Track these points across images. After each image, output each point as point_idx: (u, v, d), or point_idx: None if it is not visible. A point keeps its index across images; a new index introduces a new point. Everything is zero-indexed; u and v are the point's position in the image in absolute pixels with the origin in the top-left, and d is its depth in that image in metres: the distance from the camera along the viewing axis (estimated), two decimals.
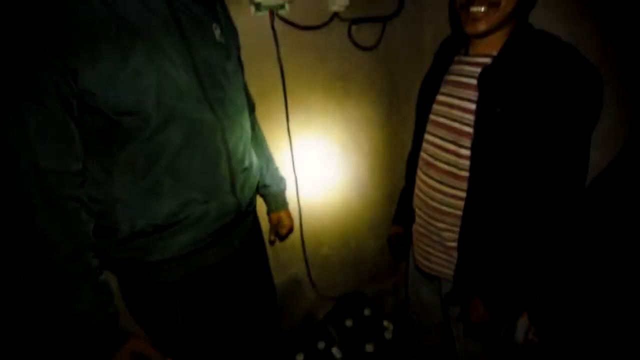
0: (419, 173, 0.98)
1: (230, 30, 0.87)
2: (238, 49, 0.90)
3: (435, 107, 0.92)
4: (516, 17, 0.78)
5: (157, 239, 0.72)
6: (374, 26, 1.36)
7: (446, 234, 0.91)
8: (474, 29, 0.77)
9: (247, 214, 0.90)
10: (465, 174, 0.83)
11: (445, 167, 0.87)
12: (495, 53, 0.80)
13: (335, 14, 1.25)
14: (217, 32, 0.79)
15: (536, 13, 0.81)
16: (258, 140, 1.05)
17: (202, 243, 0.78)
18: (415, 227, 1.04)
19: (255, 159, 0.92)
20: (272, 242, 1.20)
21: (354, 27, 1.31)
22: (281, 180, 1.13)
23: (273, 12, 1.13)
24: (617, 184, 0.87)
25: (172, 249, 0.74)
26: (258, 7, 1.10)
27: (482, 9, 0.75)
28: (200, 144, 0.72)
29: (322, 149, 1.41)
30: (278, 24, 1.15)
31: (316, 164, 1.41)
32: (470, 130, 0.81)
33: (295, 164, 1.33)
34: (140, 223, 0.70)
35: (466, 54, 0.87)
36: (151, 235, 0.71)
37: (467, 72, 0.84)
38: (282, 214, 1.16)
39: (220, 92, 0.75)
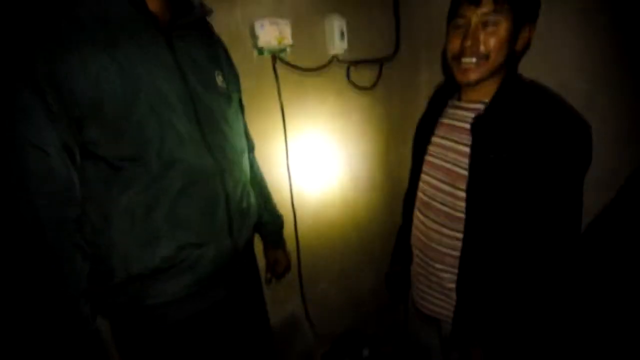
0: (417, 213, 0.99)
1: (232, 76, 0.90)
2: (239, 92, 0.93)
3: (431, 148, 0.94)
4: (506, 67, 0.82)
5: (153, 283, 0.72)
6: (371, 68, 1.43)
7: (445, 275, 0.91)
8: (465, 78, 0.81)
9: (244, 254, 0.89)
10: (462, 215, 0.84)
11: (442, 208, 0.88)
12: (487, 100, 0.83)
13: (335, 57, 1.31)
14: (219, 79, 0.81)
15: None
16: (257, 179, 1.06)
17: (198, 286, 0.77)
18: (413, 267, 1.03)
19: (253, 199, 0.92)
20: (268, 281, 1.19)
21: (352, 69, 1.37)
22: (279, 217, 1.13)
23: (275, 55, 1.18)
24: (614, 228, 0.88)
25: (168, 293, 0.73)
26: (261, 51, 1.15)
27: (473, 60, 0.79)
28: (200, 190, 0.72)
29: (321, 186, 1.43)
30: (280, 66, 1.21)
31: (315, 200, 1.42)
32: (465, 173, 0.82)
33: (294, 200, 1.34)
34: (136, 268, 0.69)
35: (459, 99, 0.91)
36: (146, 279, 0.71)
37: (461, 117, 0.88)
38: (279, 253, 1.15)
39: (221, 138, 0.77)
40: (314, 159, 1.38)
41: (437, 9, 1.24)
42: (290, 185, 1.32)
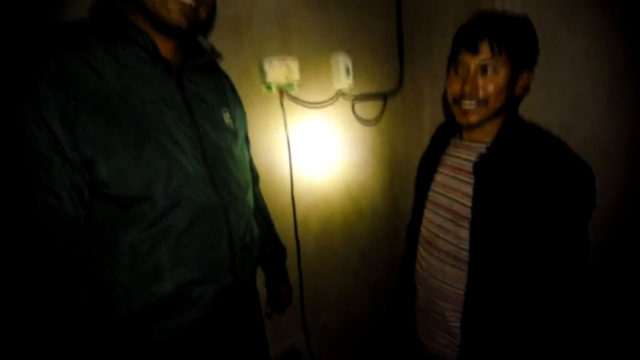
0: (420, 250, 0.98)
1: (239, 113, 0.92)
2: (245, 128, 0.95)
3: (434, 186, 0.95)
4: (507, 109, 0.85)
5: (154, 320, 0.71)
6: (376, 101, 1.47)
7: (449, 314, 0.90)
8: (466, 120, 0.83)
9: (246, 288, 0.89)
10: (466, 256, 0.83)
11: (446, 247, 0.88)
12: (488, 141, 0.85)
13: (340, 92, 1.35)
14: (227, 116, 0.83)
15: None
16: (261, 210, 1.07)
17: (200, 322, 0.76)
18: (417, 303, 1.02)
19: (256, 233, 0.93)
20: (269, 315, 1.17)
21: (357, 103, 1.41)
22: (281, 249, 1.13)
23: (282, 90, 1.22)
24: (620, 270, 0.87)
25: (169, 330, 0.73)
26: (269, 86, 1.20)
27: (473, 103, 0.81)
28: (204, 227, 0.73)
29: (325, 215, 1.44)
30: (287, 101, 1.25)
31: (318, 229, 1.43)
32: (468, 214, 0.83)
33: (297, 230, 1.35)
34: (137, 305, 0.69)
35: (461, 138, 0.93)
36: (148, 316, 0.70)
37: (463, 156, 0.89)
38: (281, 285, 1.14)
39: (227, 174, 0.78)
40: (318, 189, 1.40)
41: (439, 46, 1.29)
42: (294, 214, 1.33)
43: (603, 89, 0.89)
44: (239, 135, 0.87)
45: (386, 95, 1.47)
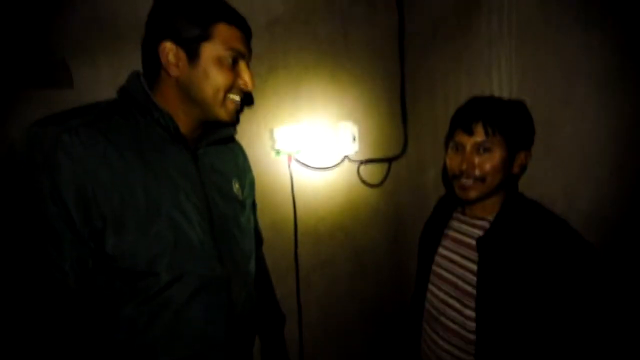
0: (425, 327, 0.96)
1: (248, 181, 0.94)
2: (253, 196, 0.97)
3: (438, 259, 0.95)
4: (507, 186, 0.87)
5: None
6: (380, 165, 1.52)
7: None
8: (465, 196, 0.86)
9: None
10: (472, 336, 0.82)
11: (451, 325, 0.86)
12: (491, 218, 0.86)
13: (346, 157, 1.41)
14: (236, 187, 0.85)
15: None
16: (262, 275, 1.06)
17: None
18: None
19: (255, 301, 0.91)
20: None
21: (362, 167, 1.46)
22: (280, 317, 1.08)
23: (291, 156, 1.29)
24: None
25: None
26: (278, 152, 1.27)
27: (470, 180, 0.84)
28: (203, 300, 0.71)
29: (328, 277, 1.43)
30: (294, 164, 1.31)
31: (321, 291, 1.42)
32: (473, 291, 0.82)
33: (300, 289, 1.34)
34: None
35: (463, 213, 0.94)
36: None
37: (466, 231, 0.90)
38: (278, 355, 1.07)
39: (231, 245, 0.78)
40: (321, 248, 1.41)
41: (442, 113, 1.36)
42: (297, 274, 1.33)
43: (603, 170, 0.91)
44: (246, 205, 0.89)
45: (391, 159, 1.53)
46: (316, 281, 1.40)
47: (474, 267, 0.84)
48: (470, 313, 0.82)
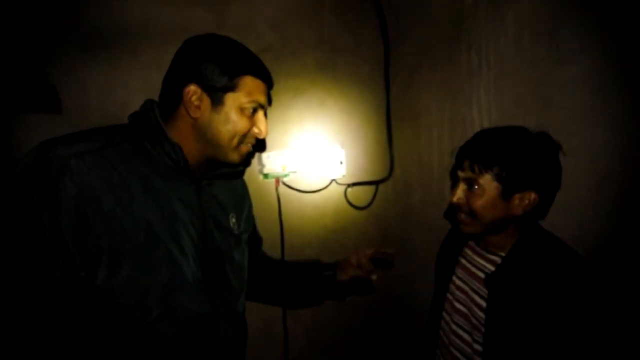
0: (438, 353, 0.95)
1: (246, 213, 0.94)
2: (251, 228, 0.97)
3: (452, 288, 0.93)
4: (522, 223, 0.82)
5: None
6: (367, 188, 1.54)
7: None
8: (464, 229, 0.85)
9: None
10: None
11: (460, 357, 0.86)
12: (503, 254, 0.84)
13: (333, 180, 1.43)
14: (232, 221, 0.85)
15: None
16: (269, 260, 1.11)
17: None
18: None
19: (245, 337, 0.89)
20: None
21: (349, 190, 1.49)
22: (311, 262, 1.12)
23: (279, 179, 1.31)
24: None
25: None
26: (266, 176, 1.28)
27: (463, 215, 0.84)
28: (191, 337, 0.71)
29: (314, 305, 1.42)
30: (282, 188, 1.32)
31: (308, 315, 1.40)
32: (481, 327, 0.81)
33: (286, 319, 1.32)
34: None
35: (478, 244, 0.92)
36: None
37: (477, 264, 0.89)
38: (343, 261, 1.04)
39: (223, 281, 0.78)
40: None
41: (426, 138, 1.40)
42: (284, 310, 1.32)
43: (580, 196, 0.94)
44: (241, 240, 0.88)
45: (378, 182, 1.56)
46: (303, 307, 1.38)
47: (483, 303, 0.82)
48: (478, 347, 0.81)
